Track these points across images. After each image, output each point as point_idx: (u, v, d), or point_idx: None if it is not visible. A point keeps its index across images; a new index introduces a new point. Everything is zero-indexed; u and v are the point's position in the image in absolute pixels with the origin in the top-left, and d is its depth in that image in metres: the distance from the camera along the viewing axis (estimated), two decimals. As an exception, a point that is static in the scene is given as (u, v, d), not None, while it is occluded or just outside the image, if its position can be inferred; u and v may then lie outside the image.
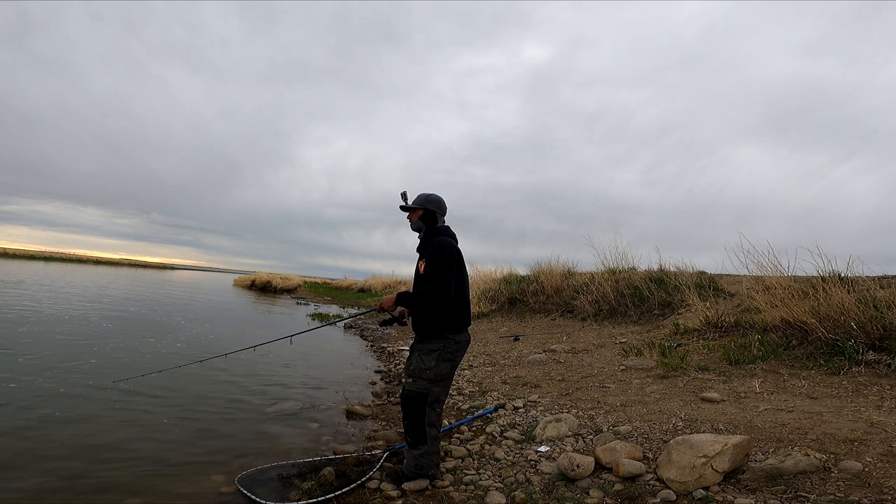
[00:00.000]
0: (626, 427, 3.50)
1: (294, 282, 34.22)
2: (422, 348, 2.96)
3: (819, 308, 5.04)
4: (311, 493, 2.80)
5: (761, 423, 3.26)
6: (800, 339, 5.13)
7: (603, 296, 9.59)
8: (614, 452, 2.87)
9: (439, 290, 2.82)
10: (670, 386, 4.58)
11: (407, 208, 3.11)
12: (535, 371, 6.02)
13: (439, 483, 2.90)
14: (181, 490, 2.89)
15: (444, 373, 2.92)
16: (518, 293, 12.35)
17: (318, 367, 6.99)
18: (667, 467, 2.60)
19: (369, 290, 30.27)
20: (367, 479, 2.94)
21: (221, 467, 3.22)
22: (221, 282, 43.23)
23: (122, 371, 5.47)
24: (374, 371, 6.96)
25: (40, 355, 5.86)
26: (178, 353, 6.90)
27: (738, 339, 5.66)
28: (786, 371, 4.57)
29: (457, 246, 3.04)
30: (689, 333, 6.56)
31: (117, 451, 3.37)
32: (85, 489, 2.82)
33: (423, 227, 3.09)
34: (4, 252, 53.86)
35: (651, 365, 5.45)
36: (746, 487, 2.47)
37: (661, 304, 8.59)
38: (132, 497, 2.76)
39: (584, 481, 2.74)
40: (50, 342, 6.78)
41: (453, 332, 2.93)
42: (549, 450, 3.34)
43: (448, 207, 3.18)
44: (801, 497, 2.30)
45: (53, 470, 3.02)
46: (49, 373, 5.17)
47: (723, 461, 2.51)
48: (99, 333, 7.97)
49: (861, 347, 4.44)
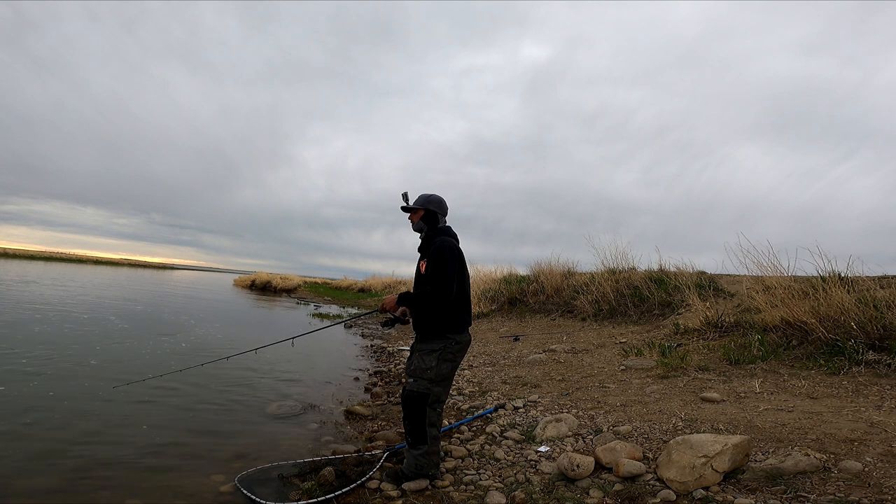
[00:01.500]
0: (626, 427, 3.50)
1: (294, 282, 34.22)
2: (422, 348, 2.96)
3: (819, 308, 5.04)
4: (311, 493, 2.80)
5: (761, 423, 3.26)
6: (800, 339, 5.13)
7: (603, 296, 9.59)
8: (614, 452, 2.87)
9: (440, 289, 2.83)
10: (670, 386, 4.58)
11: (408, 209, 3.13)
12: (535, 371, 6.02)
13: (439, 483, 2.90)
14: (181, 490, 2.89)
15: (444, 373, 2.92)
16: (518, 293, 12.36)
17: (318, 368, 6.99)
18: (667, 467, 2.60)
19: (369, 290, 30.28)
20: (367, 479, 2.94)
21: (221, 467, 3.22)
22: (221, 282, 43.23)
23: (130, 371, 5.48)
24: (374, 371, 6.96)
25: (51, 353, 5.89)
26: (184, 354, 6.91)
27: (738, 339, 5.66)
28: (786, 371, 4.57)
29: (458, 246, 3.05)
30: (689, 333, 6.56)
31: (117, 451, 3.37)
32: (85, 489, 2.82)
33: (425, 227, 3.10)
34: (4, 252, 53.86)
35: (651, 365, 5.45)
36: (746, 487, 2.47)
37: (661, 304, 8.59)
38: (132, 497, 2.76)
39: (584, 481, 2.74)
40: (64, 340, 6.81)
41: (454, 332, 2.94)
42: (549, 450, 3.34)
43: (448, 207, 3.19)
44: (801, 497, 2.30)
45: (54, 470, 3.02)
46: (50, 373, 5.17)
47: (723, 461, 2.52)
48: (115, 333, 8.02)
49: (861, 347, 4.44)
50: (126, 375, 5.16)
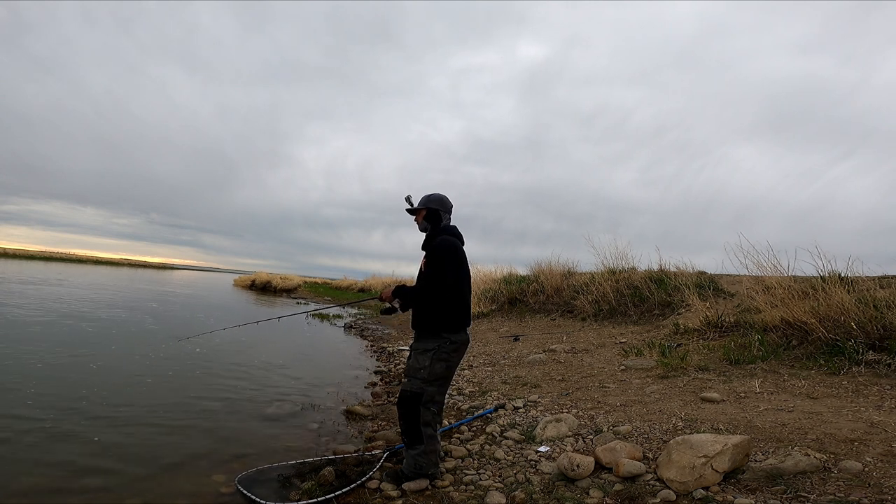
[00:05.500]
0: (626, 427, 3.50)
1: (294, 282, 34.19)
2: (418, 347, 2.97)
3: (819, 308, 5.04)
4: (311, 493, 2.80)
5: (761, 423, 3.26)
6: (800, 339, 5.12)
7: (603, 296, 9.59)
8: (614, 452, 2.87)
9: (431, 285, 2.88)
10: (670, 386, 4.58)
11: (412, 210, 3.16)
12: (535, 371, 6.02)
13: (439, 483, 2.90)
14: (181, 490, 2.89)
15: (438, 372, 2.91)
16: (518, 293, 12.35)
17: (318, 368, 6.99)
18: (667, 467, 2.60)
19: (369, 290, 30.25)
20: (367, 479, 2.94)
21: (221, 467, 3.23)
22: (222, 282, 43.23)
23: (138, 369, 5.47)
24: (374, 371, 6.96)
25: (62, 351, 5.89)
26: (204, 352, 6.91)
27: (738, 339, 5.66)
28: (786, 371, 4.57)
29: (460, 245, 3.06)
30: (689, 333, 6.56)
31: (118, 451, 3.37)
32: (85, 489, 2.82)
33: (429, 226, 3.12)
34: (4, 252, 53.83)
35: (651, 365, 5.45)
36: (746, 487, 2.47)
37: (661, 304, 8.59)
38: (132, 497, 2.76)
39: (584, 481, 2.74)
40: (73, 337, 6.81)
41: (450, 331, 2.93)
42: (549, 450, 3.34)
43: (452, 204, 3.20)
44: (801, 497, 2.30)
45: (54, 470, 3.02)
46: (54, 372, 5.18)
47: (723, 461, 2.51)
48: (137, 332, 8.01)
49: (861, 347, 4.44)
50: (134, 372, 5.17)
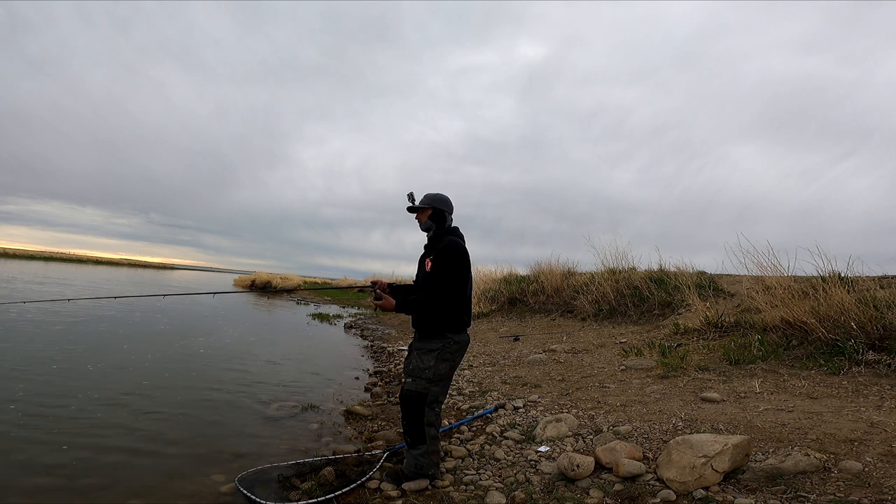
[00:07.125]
0: (626, 427, 3.50)
1: (294, 282, 34.17)
2: (421, 347, 2.96)
3: (819, 308, 5.04)
4: (311, 493, 2.80)
5: (761, 423, 3.26)
6: (800, 339, 5.12)
7: (603, 296, 9.59)
8: (614, 452, 2.87)
9: (437, 290, 2.86)
10: (670, 386, 4.58)
11: (415, 209, 3.09)
12: (535, 371, 6.02)
13: (439, 483, 2.90)
14: (181, 490, 2.89)
15: (443, 373, 2.92)
16: (518, 293, 12.35)
17: (318, 368, 6.99)
18: (667, 467, 2.60)
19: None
20: (367, 479, 2.94)
21: (221, 467, 3.22)
22: (222, 282, 43.20)
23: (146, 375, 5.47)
24: (374, 371, 6.96)
25: (72, 351, 5.89)
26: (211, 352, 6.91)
27: (738, 339, 5.66)
28: (786, 371, 4.57)
29: (465, 248, 3.05)
30: (689, 333, 6.56)
31: (118, 451, 3.37)
32: (85, 489, 2.82)
33: (433, 226, 3.07)
34: (4, 252, 53.82)
35: (651, 365, 5.45)
36: (746, 487, 2.47)
37: (661, 304, 8.59)
38: (133, 497, 2.76)
39: (584, 481, 2.74)
40: (84, 339, 6.81)
41: (453, 331, 2.94)
42: (549, 450, 3.34)
43: (454, 206, 3.19)
44: (801, 497, 2.30)
45: (54, 470, 3.02)
46: (55, 371, 5.17)
47: (723, 461, 2.51)
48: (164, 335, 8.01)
49: (861, 347, 4.44)
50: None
